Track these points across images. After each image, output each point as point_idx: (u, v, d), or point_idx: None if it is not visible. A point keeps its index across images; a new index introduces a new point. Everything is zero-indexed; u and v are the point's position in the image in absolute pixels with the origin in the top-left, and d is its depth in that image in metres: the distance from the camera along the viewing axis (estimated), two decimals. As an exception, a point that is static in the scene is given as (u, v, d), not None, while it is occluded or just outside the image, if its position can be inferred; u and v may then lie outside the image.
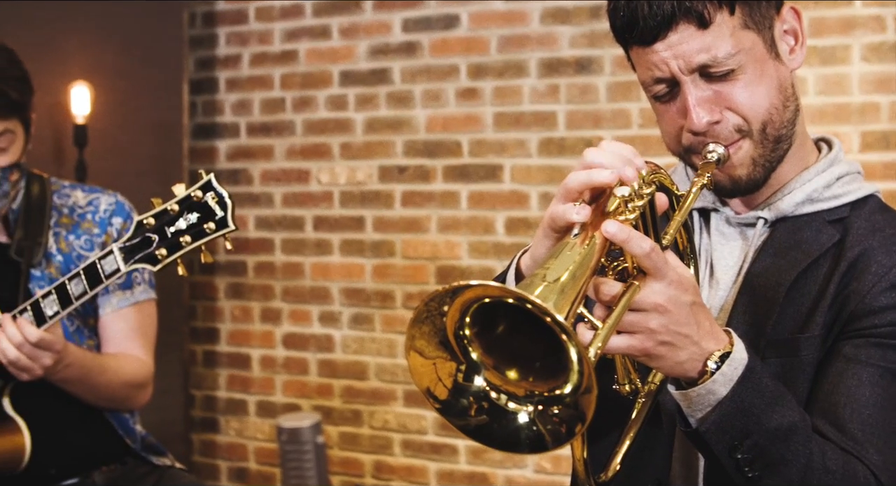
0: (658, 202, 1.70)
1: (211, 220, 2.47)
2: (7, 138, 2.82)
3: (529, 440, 1.48)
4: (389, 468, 5.14)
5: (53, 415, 2.90)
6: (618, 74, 4.61)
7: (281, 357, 5.42)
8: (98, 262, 2.60)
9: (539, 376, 1.48)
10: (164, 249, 2.51)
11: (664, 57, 1.87)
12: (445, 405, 1.51)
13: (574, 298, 1.45)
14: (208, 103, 5.62)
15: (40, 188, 3.00)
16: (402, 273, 5.08)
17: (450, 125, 4.98)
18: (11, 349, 2.64)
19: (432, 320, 1.47)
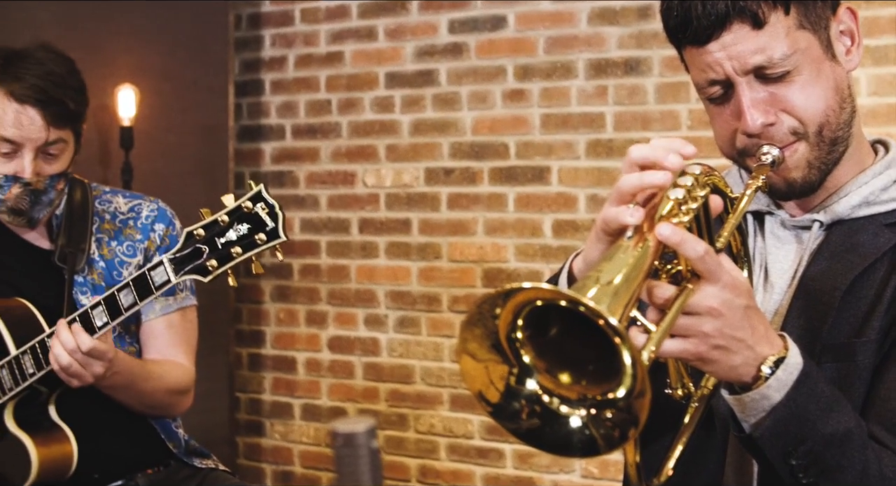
0: (712, 205, 1.69)
1: (262, 231, 2.48)
2: (59, 147, 2.84)
3: (582, 443, 1.48)
4: (435, 473, 5.14)
5: (97, 421, 2.92)
6: (666, 75, 4.60)
7: (326, 360, 5.43)
8: (148, 273, 2.61)
9: (592, 380, 1.48)
10: (215, 260, 2.52)
11: (718, 58, 1.86)
12: (497, 409, 1.51)
13: (627, 300, 1.45)
14: (254, 105, 5.64)
15: (82, 194, 3.02)
16: (448, 276, 5.08)
17: (497, 127, 4.97)
18: (64, 356, 2.65)
19: (484, 322, 1.46)
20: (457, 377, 5.04)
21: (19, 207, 2.85)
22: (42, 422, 2.85)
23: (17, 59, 2.82)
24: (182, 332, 3.05)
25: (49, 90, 2.77)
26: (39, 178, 2.82)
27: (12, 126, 2.77)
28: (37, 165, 2.81)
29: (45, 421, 2.86)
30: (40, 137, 2.78)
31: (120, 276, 2.97)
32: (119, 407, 2.93)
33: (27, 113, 2.77)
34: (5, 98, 2.78)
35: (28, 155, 2.80)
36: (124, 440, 2.99)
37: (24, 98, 2.77)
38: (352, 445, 1.15)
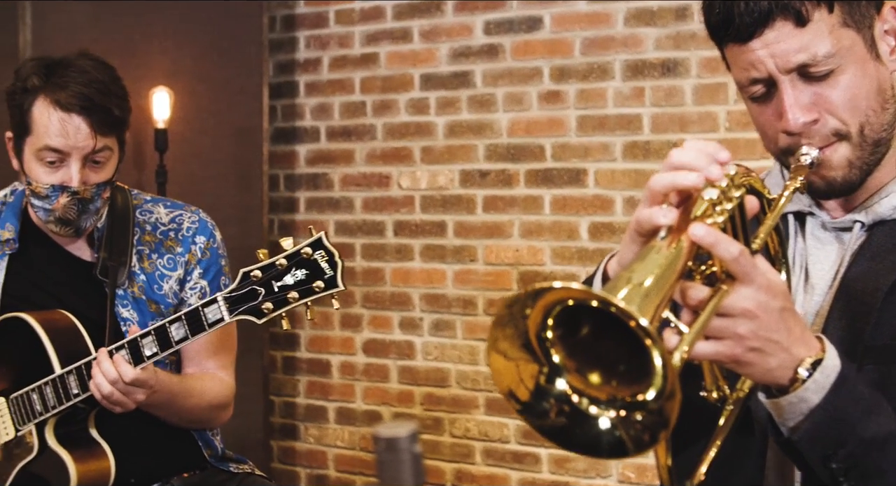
0: (748, 206, 1.68)
1: (319, 278, 2.48)
2: (105, 155, 2.85)
3: (610, 445, 1.48)
4: (471, 477, 5.14)
5: (135, 431, 2.93)
6: (704, 76, 4.58)
7: (361, 364, 5.44)
8: (201, 309, 2.60)
9: (622, 381, 1.48)
10: (271, 303, 2.51)
11: (761, 56, 1.85)
12: (526, 407, 1.52)
13: (659, 301, 1.44)
14: (288, 107, 5.66)
15: (123, 203, 3.02)
16: (483, 279, 5.08)
17: (532, 129, 4.97)
18: (106, 385, 2.65)
19: (515, 322, 1.47)
20: (492, 381, 5.02)
21: (67, 216, 2.85)
22: (82, 439, 2.86)
23: (59, 68, 2.82)
24: (222, 344, 3.06)
25: (94, 98, 2.78)
26: (86, 186, 2.83)
27: (59, 135, 2.77)
28: (84, 173, 2.82)
29: (85, 438, 2.86)
30: (87, 145, 2.79)
31: (160, 290, 2.98)
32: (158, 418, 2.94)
33: (73, 121, 2.77)
34: (51, 107, 2.78)
35: (75, 164, 2.80)
36: (161, 448, 3.01)
37: (69, 107, 2.77)
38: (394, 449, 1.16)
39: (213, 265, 3.04)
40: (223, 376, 3.06)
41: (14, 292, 2.98)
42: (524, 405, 1.51)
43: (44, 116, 2.79)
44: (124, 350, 2.67)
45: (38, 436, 2.83)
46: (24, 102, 2.83)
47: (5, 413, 2.88)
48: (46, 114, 2.79)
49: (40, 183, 2.83)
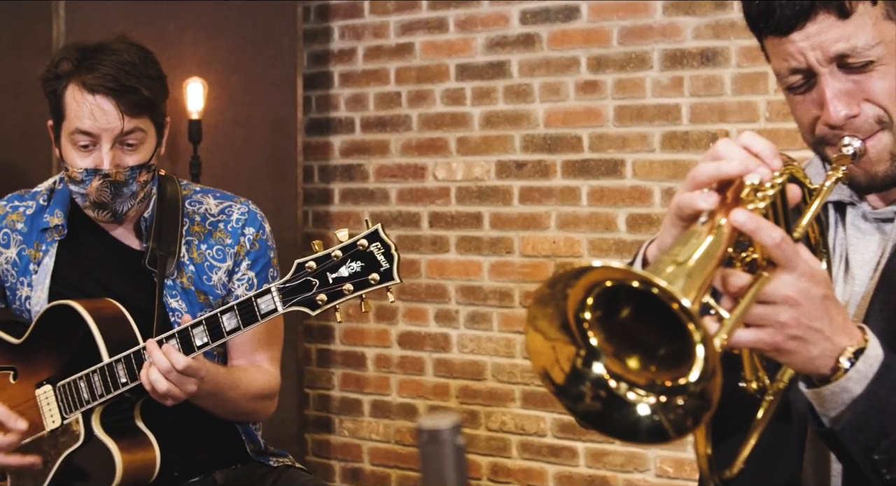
0: (790, 195, 1.68)
1: (375, 271, 2.49)
2: (137, 137, 2.87)
3: (649, 431, 1.48)
4: (507, 471, 5.15)
5: (180, 423, 2.95)
6: (744, 66, 4.57)
7: (396, 356, 5.46)
8: (254, 300, 2.61)
9: (661, 365, 1.48)
10: (325, 295, 2.52)
11: (801, 47, 1.85)
12: (561, 390, 1.52)
13: (700, 285, 1.45)
14: (322, 98, 5.68)
15: (173, 193, 3.05)
16: (520, 271, 5.09)
17: (569, 119, 4.97)
18: (162, 381, 2.66)
19: (556, 301, 1.47)
20: (529, 374, 5.04)
21: (102, 199, 2.88)
22: (127, 428, 2.88)
23: (93, 52, 2.86)
24: (267, 336, 3.07)
25: (121, 79, 2.81)
26: (119, 169, 2.85)
27: (87, 117, 2.81)
28: (115, 156, 2.84)
29: (131, 427, 2.88)
30: (115, 126, 2.81)
31: (209, 280, 3.00)
32: (202, 411, 2.96)
33: (101, 103, 2.81)
34: (80, 90, 2.82)
35: (105, 146, 2.83)
36: (205, 441, 3.03)
37: (96, 88, 2.80)
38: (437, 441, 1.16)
39: (262, 257, 3.06)
40: (269, 368, 3.08)
41: (63, 279, 3.01)
42: (559, 387, 1.52)
43: (74, 100, 2.84)
44: (175, 340, 2.69)
45: (85, 425, 2.86)
46: (57, 88, 2.88)
47: (52, 401, 2.90)
48: (76, 98, 2.83)
49: (75, 167, 2.87)
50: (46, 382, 2.93)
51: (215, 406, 2.96)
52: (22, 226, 3.07)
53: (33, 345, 2.99)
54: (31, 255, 3.04)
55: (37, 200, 3.10)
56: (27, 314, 3.03)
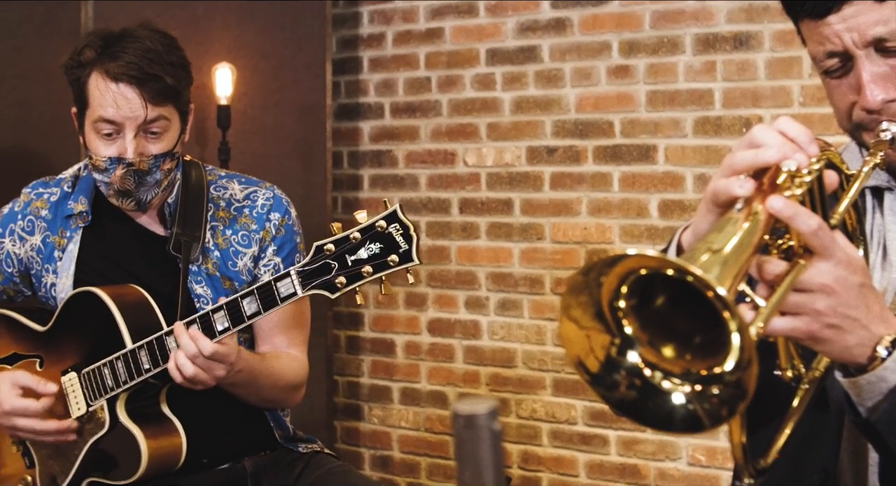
0: (827, 181, 1.67)
1: (394, 252, 2.48)
2: (161, 125, 2.87)
3: (684, 419, 1.47)
4: (537, 459, 5.14)
5: (208, 410, 2.96)
6: (778, 50, 4.54)
7: (426, 344, 5.46)
8: (274, 283, 2.60)
9: (697, 354, 1.47)
10: (344, 277, 2.51)
11: (837, 30, 1.84)
12: (595, 378, 1.51)
13: (736, 273, 1.43)
14: (351, 83, 5.67)
15: (197, 178, 3.04)
16: (551, 258, 5.08)
17: (601, 104, 4.95)
18: (189, 366, 2.66)
19: (589, 290, 1.46)
20: (560, 361, 5.04)
21: (125, 188, 2.88)
22: (153, 414, 2.89)
23: (116, 39, 2.86)
24: (295, 321, 3.07)
25: (144, 67, 2.80)
26: (143, 158, 2.85)
27: (110, 106, 2.81)
28: (139, 144, 2.84)
29: (156, 414, 2.89)
30: (139, 115, 2.81)
31: (235, 266, 3.00)
32: (229, 397, 2.96)
33: (123, 91, 2.81)
34: (103, 78, 2.82)
35: (129, 135, 2.83)
36: (234, 428, 3.04)
37: (119, 77, 2.80)
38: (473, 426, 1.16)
39: (288, 242, 3.06)
40: (298, 355, 3.08)
41: (87, 265, 3.02)
42: (593, 375, 1.51)
43: (97, 88, 2.84)
44: (196, 325, 2.69)
45: (110, 411, 2.87)
46: (80, 76, 2.87)
47: (77, 388, 2.91)
48: (99, 86, 2.83)
49: (98, 156, 2.87)
50: (72, 369, 2.94)
51: (248, 394, 2.97)
52: (46, 213, 3.08)
53: (58, 332, 3.00)
54: (56, 242, 3.05)
55: (61, 186, 3.11)
56: (53, 302, 3.04)
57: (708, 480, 4.72)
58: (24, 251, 3.09)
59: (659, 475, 4.84)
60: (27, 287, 3.14)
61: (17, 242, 3.09)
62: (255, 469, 3.03)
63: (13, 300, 3.19)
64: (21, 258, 3.09)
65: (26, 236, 3.08)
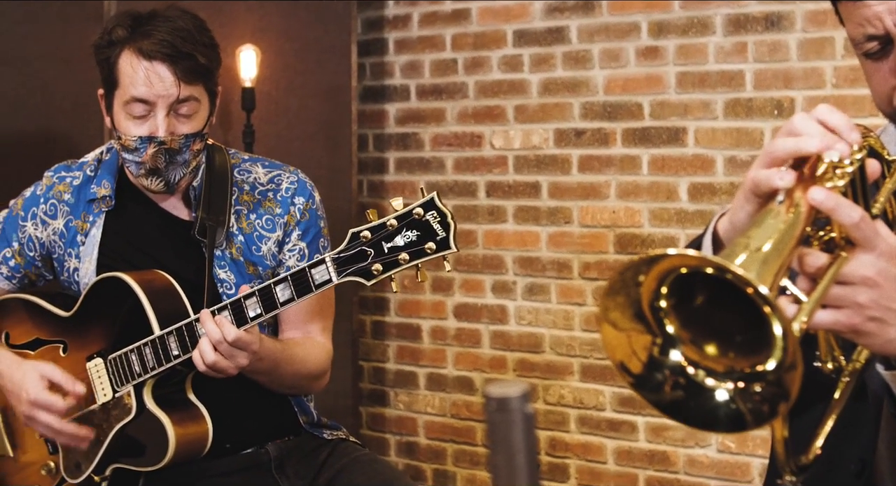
0: (869, 170, 1.65)
1: (431, 240, 2.47)
2: (192, 105, 2.87)
3: (728, 418, 1.47)
4: (564, 445, 5.13)
5: (232, 395, 2.96)
6: (810, 31, 4.50)
7: (452, 328, 5.45)
8: (308, 270, 2.60)
9: (739, 352, 1.47)
10: (380, 264, 2.51)
11: (878, 11, 1.82)
12: (639, 380, 1.51)
13: (777, 268, 1.43)
14: (377, 65, 5.66)
15: (221, 163, 3.05)
16: (579, 242, 5.06)
17: (630, 86, 4.93)
18: (210, 353, 2.67)
19: (627, 290, 1.46)
20: (588, 347, 5.02)
21: (156, 166, 2.87)
22: (179, 401, 2.89)
23: (146, 19, 2.86)
24: (319, 307, 3.06)
25: (178, 45, 2.80)
26: (174, 137, 2.85)
27: (143, 84, 2.81)
28: (170, 123, 2.84)
29: (183, 400, 2.89)
30: (171, 93, 2.81)
31: (259, 251, 3.00)
32: (254, 383, 2.96)
33: (157, 69, 2.81)
34: (135, 57, 2.82)
35: (161, 113, 2.83)
36: (257, 413, 3.04)
37: (153, 54, 2.80)
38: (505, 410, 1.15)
39: (313, 227, 3.05)
40: (322, 341, 3.08)
41: (111, 250, 3.02)
42: (637, 377, 1.51)
43: (129, 67, 2.83)
44: (227, 311, 2.69)
45: (136, 397, 2.87)
46: (110, 55, 2.87)
47: (103, 374, 2.92)
48: (131, 64, 2.83)
49: (129, 136, 2.86)
50: (97, 355, 2.94)
51: (270, 382, 2.97)
52: (69, 197, 3.08)
53: (83, 318, 3.00)
54: (79, 226, 3.05)
55: (84, 170, 3.11)
56: (76, 287, 3.04)
57: (738, 467, 4.70)
58: (46, 235, 3.09)
59: (688, 461, 4.82)
60: (49, 272, 3.15)
61: (39, 226, 3.10)
62: (279, 455, 3.03)
63: (35, 285, 3.20)
64: (43, 242, 3.10)
65: (49, 220, 3.09)
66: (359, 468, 3.04)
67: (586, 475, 5.10)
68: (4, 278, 3.15)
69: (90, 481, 2.95)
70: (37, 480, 3.07)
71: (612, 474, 5.02)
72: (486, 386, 1.14)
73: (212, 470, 2.97)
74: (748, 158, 4.62)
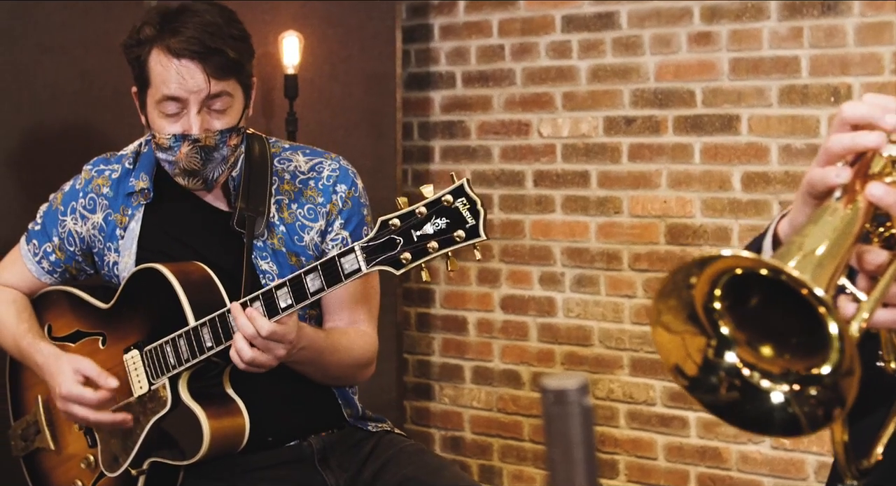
0: None
1: (461, 227, 2.46)
2: (225, 101, 2.87)
3: (783, 421, 1.45)
4: (614, 441, 5.12)
5: (273, 389, 2.97)
6: (868, 15, 4.46)
7: (499, 321, 5.44)
8: (338, 259, 2.60)
9: (796, 354, 1.45)
10: (409, 253, 2.49)
11: None
12: (694, 383, 1.50)
13: (834, 268, 1.41)
14: (422, 52, 5.65)
15: (261, 152, 3.05)
16: (629, 232, 5.04)
17: (682, 73, 4.90)
18: (247, 351, 2.67)
19: (679, 292, 1.45)
20: (638, 340, 5.00)
21: (192, 167, 2.88)
22: (216, 394, 2.90)
23: (175, 15, 2.86)
24: (363, 296, 3.06)
25: (206, 41, 2.80)
26: (209, 133, 2.85)
27: (174, 82, 2.81)
28: (204, 120, 2.85)
29: (219, 393, 2.90)
30: (202, 89, 2.81)
31: (301, 240, 3.00)
32: (296, 376, 2.96)
33: (187, 67, 2.81)
34: (165, 55, 2.82)
35: (193, 110, 2.83)
36: (300, 406, 3.04)
37: (181, 52, 2.80)
38: (562, 402, 1.14)
39: (355, 215, 3.05)
40: (367, 330, 3.08)
41: (150, 243, 3.03)
42: (692, 380, 1.50)
43: (159, 66, 2.84)
44: (259, 302, 2.69)
45: (172, 390, 2.88)
46: (140, 54, 2.88)
47: (139, 366, 2.93)
48: (161, 63, 2.83)
49: (162, 134, 2.87)
50: (134, 347, 2.96)
51: (314, 372, 2.97)
52: (108, 190, 3.10)
53: (121, 310, 3.03)
54: (118, 220, 3.07)
55: (122, 163, 3.12)
56: (116, 280, 3.06)
57: (792, 464, 4.67)
58: (85, 230, 3.11)
59: (741, 458, 4.80)
60: (90, 266, 3.17)
61: (78, 220, 3.12)
62: (322, 447, 3.03)
63: (76, 279, 3.22)
64: (83, 237, 3.11)
65: (88, 215, 3.10)
66: (406, 459, 3.04)
67: (636, 472, 5.08)
68: (46, 272, 3.18)
69: (127, 474, 2.97)
70: (77, 473, 3.11)
71: (663, 470, 5.01)
72: (543, 378, 1.13)
73: (254, 464, 2.98)
74: (803, 147, 4.59)
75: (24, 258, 3.20)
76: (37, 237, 3.18)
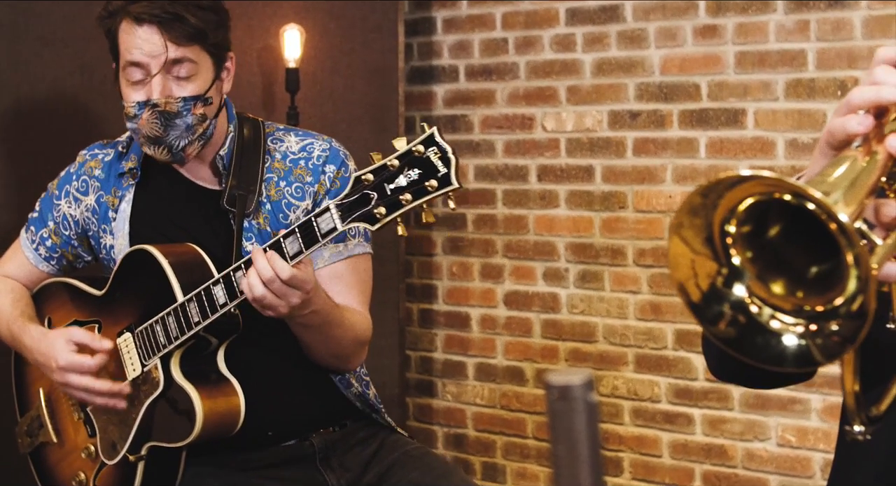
0: None
1: (433, 177, 2.44)
2: (188, 67, 2.88)
3: (795, 355, 1.46)
4: (618, 438, 5.12)
5: (272, 375, 2.97)
6: (876, 8, 4.46)
7: (502, 317, 5.44)
8: (314, 220, 2.59)
9: (808, 291, 1.45)
10: (383, 207, 2.48)
11: None
12: (697, 307, 1.50)
13: (857, 203, 1.41)
14: (425, 45, 5.65)
15: (253, 132, 3.05)
16: (634, 227, 5.04)
17: (687, 66, 4.89)
18: (259, 286, 2.64)
19: (706, 212, 1.45)
20: (643, 336, 5.00)
21: (154, 133, 2.88)
22: (209, 374, 2.89)
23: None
24: (355, 282, 3.05)
25: (165, 7, 2.83)
26: (170, 99, 2.86)
27: (135, 47, 2.84)
28: (165, 86, 2.86)
29: (213, 373, 2.90)
30: (160, 54, 2.83)
31: (286, 219, 2.98)
32: (295, 361, 2.96)
33: (147, 32, 2.83)
34: (129, 23, 2.85)
35: (155, 77, 2.85)
36: (301, 401, 3.03)
37: (142, 18, 2.83)
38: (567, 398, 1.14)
39: None
40: (363, 312, 3.07)
41: (141, 224, 3.05)
42: (694, 304, 1.50)
43: (125, 34, 2.87)
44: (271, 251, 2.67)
45: (164, 371, 2.88)
46: (112, 26, 2.91)
47: (132, 349, 2.93)
48: (126, 31, 2.86)
49: (129, 103, 2.90)
50: (126, 330, 2.96)
51: (318, 341, 2.94)
52: (99, 172, 3.13)
53: (114, 294, 3.03)
54: (109, 201, 3.08)
55: (116, 148, 3.15)
56: (113, 265, 3.06)
57: (798, 462, 4.67)
58: (79, 213, 3.13)
59: (747, 456, 4.80)
60: (87, 252, 3.18)
61: (72, 203, 3.14)
62: (324, 446, 3.02)
63: (74, 266, 3.23)
64: (77, 220, 3.14)
65: (81, 197, 3.13)
66: (411, 463, 3.03)
67: (641, 469, 5.08)
68: (43, 259, 3.19)
69: (126, 461, 2.96)
70: (80, 465, 3.10)
71: (668, 468, 5.01)
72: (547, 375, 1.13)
73: (254, 462, 2.97)
74: (810, 141, 4.59)
75: (22, 247, 3.22)
76: (34, 224, 3.20)
